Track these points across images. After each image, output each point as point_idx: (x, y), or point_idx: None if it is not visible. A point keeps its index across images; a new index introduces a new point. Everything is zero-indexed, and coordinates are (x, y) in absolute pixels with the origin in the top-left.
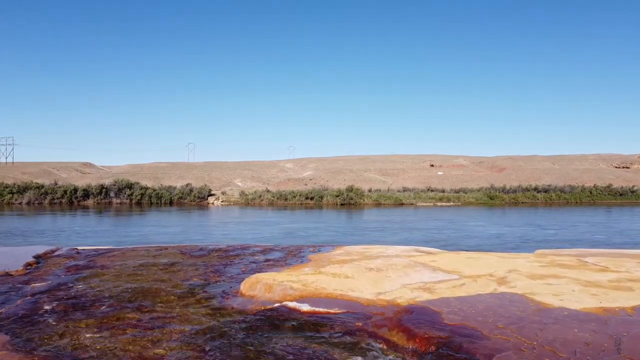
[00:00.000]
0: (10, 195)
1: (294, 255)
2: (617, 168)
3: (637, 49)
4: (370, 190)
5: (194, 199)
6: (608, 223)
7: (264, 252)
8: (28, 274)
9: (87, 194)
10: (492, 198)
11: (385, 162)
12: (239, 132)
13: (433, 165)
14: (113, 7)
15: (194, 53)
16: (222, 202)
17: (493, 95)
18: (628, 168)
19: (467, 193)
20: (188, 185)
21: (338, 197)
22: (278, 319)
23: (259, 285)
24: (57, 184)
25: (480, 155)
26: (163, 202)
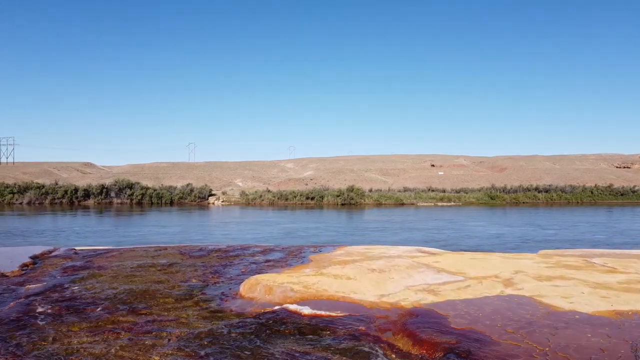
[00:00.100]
0: (11, 195)
1: (295, 256)
2: (618, 168)
3: (637, 49)
4: (371, 190)
5: (195, 199)
6: (609, 223)
7: (264, 252)
8: (24, 275)
9: (87, 194)
10: (492, 198)
11: (386, 162)
12: (240, 132)
13: (434, 165)
14: (113, 7)
15: (194, 53)
16: (222, 202)
17: (493, 95)
18: (629, 168)
19: (467, 193)
20: (189, 185)
21: (339, 197)
22: (278, 323)
23: (259, 287)
24: (57, 184)
25: (481, 155)
26: (164, 202)
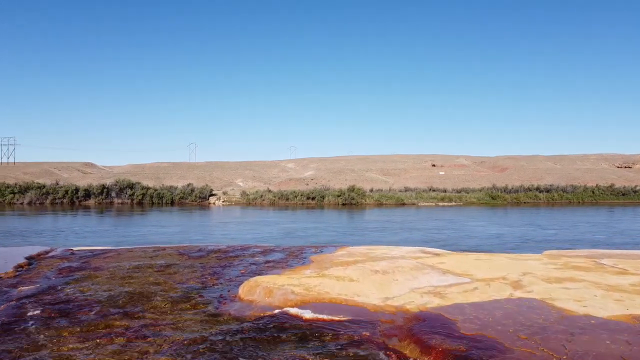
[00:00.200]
0: (12, 195)
1: (296, 257)
2: (619, 168)
3: (638, 49)
4: (372, 190)
5: (195, 199)
6: (609, 223)
7: (265, 253)
8: (18, 277)
9: (88, 194)
10: (494, 198)
11: (387, 162)
12: (240, 132)
13: (435, 165)
14: (113, 7)
15: (195, 53)
16: (223, 202)
17: (494, 95)
18: (630, 168)
19: (468, 193)
20: (189, 185)
21: (339, 197)
22: (278, 328)
23: (258, 289)
24: (58, 184)
25: (482, 155)
26: (164, 202)
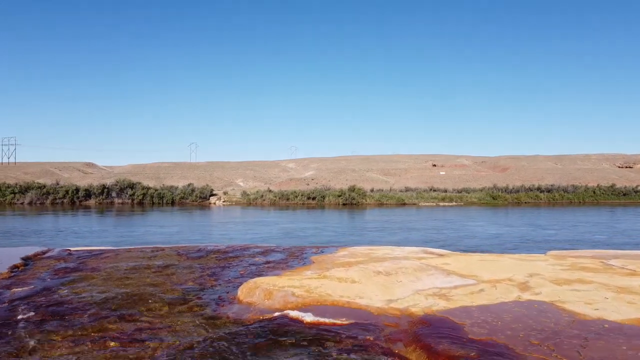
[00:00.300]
0: (12, 195)
1: (296, 257)
2: (620, 168)
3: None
4: (373, 190)
5: (196, 199)
6: (610, 223)
7: (265, 253)
8: (12, 278)
9: (88, 194)
10: (494, 198)
11: (387, 162)
12: (241, 132)
13: (435, 165)
14: (113, 7)
15: (195, 53)
16: (224, 202)
17: (495, 95)
18: (631, 168)
19: (469, 193)
20: (190, 185)
21: (340, 197)
22: (277, 332)
23: (258, 291)
24: (58, 184)
25: (483, 155)
26: (165, 202)
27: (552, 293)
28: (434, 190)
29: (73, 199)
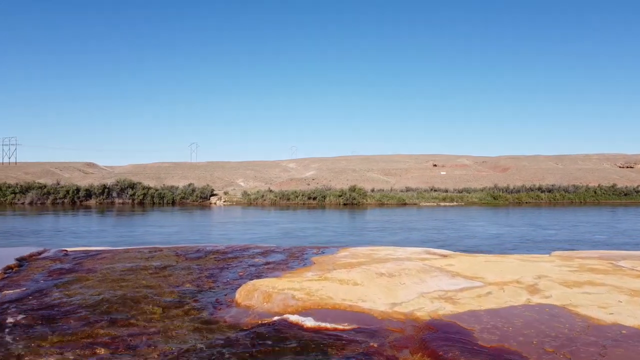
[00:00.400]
0: (13, 195)
1: (297, 258)
2: (621, 168)
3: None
4: (373, 190)
5: (197, 199)
6: (610, 223)
7: (264, 254)
8: (5, 279)
9: (89, 194)
10: (495, 198)
11: (388, 162)
12: (242, 132)
13: (436, 165)
14: (114, 7)
15: (196, 53)
16: (224, 202)
17: (496, 95)
18: (632, 168)
19: (470, 193)
20: (190, 185)
21: (341, 197)
22: (276, 337)
23: (257, 294)
24: (59, 184)
25: (484, 155)
26: (165, 202)
27: (562, 296)
28: (435, 190)
29: (74, 199)
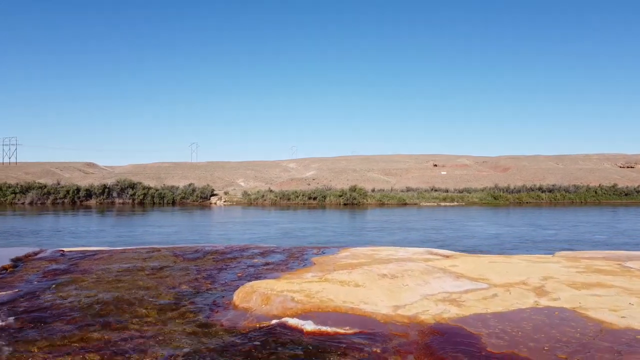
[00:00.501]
0: (13, 195)
1: (296, 258)
2: (621, 168)
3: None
4: (374, 190)
5: (197, 199)
6: (610, 223)
7: (264, 254)
8: None
9: (89, 194)
10: (496, 198)
11: (388, 162)
12: (242, 132)
13: (436, 165)
14: (114, 7)
15: (196, 53)
16: (224, 202)
17: (496, 95)
18: (632, 168)
19: (470, 193)
20: (191, 185)
21: (341, 197)
22: (274, 342)
23: (255, 296)
24: (59, 184)
25: (484, 155)
26: (165, 202)
27: (571, 298)
28: (435, 190)
29: (74, 199)
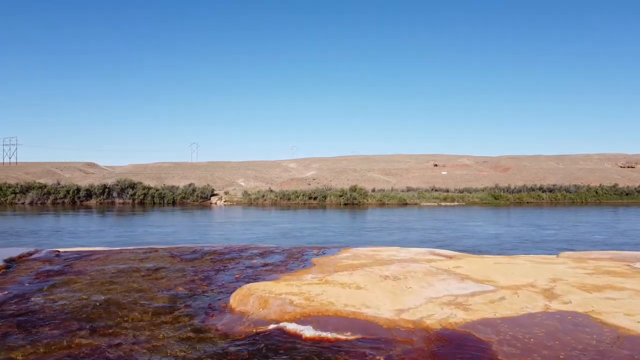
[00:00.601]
0: (13, 195)
1: (296, 259)
2: (622, 168)
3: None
4: (374, 190)
5: (197, 199)
6: (610, 223)
7: (263, 255)
8: None
9: (89, 194)
10: (496, 198)
11: (389, 162)
12: (242, 132)
13: (437, 165)
14: (114, 7)
15: (196, 53)
16: (225, 202)
17: (496, 95)
18: (633, 168)
19: (471, 193)
20: (191, 185)
21: (341, 197)
22: (271, 349)
23: (252, 299)
24: (59, 184)
25: (484, 155)
26: (166, 202)
27: (583, 302)
28: (436, 190)
29: (74, 199)
